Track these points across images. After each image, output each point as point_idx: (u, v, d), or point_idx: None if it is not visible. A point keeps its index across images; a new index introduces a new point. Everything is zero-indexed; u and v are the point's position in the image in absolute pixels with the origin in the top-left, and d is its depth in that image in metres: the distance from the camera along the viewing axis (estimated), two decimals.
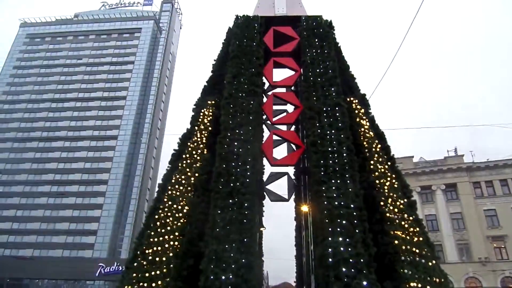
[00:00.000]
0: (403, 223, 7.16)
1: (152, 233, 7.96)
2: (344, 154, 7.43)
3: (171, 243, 7.35)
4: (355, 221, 6.37)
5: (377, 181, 7.56)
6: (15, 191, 72.34)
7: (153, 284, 6.95)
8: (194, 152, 8.82)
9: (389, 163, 8.12)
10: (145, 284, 7.08)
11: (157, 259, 7.29)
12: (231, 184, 7.20)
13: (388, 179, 7.75)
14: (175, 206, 8.05)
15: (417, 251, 6.89)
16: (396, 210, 7.26)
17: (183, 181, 8.42)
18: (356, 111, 8.67)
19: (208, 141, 8.96)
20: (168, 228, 7.72)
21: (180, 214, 7.71)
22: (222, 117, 8.59)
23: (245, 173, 7.41)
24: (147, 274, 7.25)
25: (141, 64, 79.66)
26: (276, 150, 10.00)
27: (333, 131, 7.83)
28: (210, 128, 9.15)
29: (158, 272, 7.02)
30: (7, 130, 75.73)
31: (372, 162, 7.87)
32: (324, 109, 8.27)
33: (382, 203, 7.21)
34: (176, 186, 8.52)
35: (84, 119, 77.31)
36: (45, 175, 74.84)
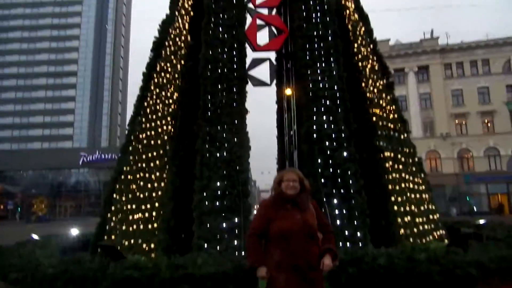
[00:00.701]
0: (381, 102, 7.76)
1: (144, 119, 8.31)
2: (330, 38, 7.53)
3: (164, 127, 7.76)
4: (338, 101, 6.86)
5: (360, 64, 7.87)
6: None
7: (151, 164, 7.55)
8: (177, 39, 8.66)
9: (371, 46, 8.35)
10: (143, 164, 7.69)
11: (152, 142, 7.78)
12: (219, 70, 7.34)
13: (370, 61, 8.07)
14: (163, 93, 8.25)
15: (392, 126, 7.65)
16: (375, 90, 7.77)
17: (169, 69, 8.46)
18: None
19: (190, 27, 8.74)
20: (159, 114, 8.04)
21: (170, 101, 7.97)
22: (205, 1, 8.25)
23: (232, 59, 7.50)
24: (144, 156, 7.81)
25: None
26: (257, 35, 9.90)
27: (318, 15, 7.76)
28: (191, 13, 8.84)
29: (155, 153, 7.57)
30: None
31: (355, 45, 8.05)
32: None
33: (363, 84, 7.66)
34: (162, 74, 8.59)
35: (40, 5, 70.70)
36: (8, 69, 71.23)
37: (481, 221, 7.47)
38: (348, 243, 5.63)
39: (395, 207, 6.78)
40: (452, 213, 32.34)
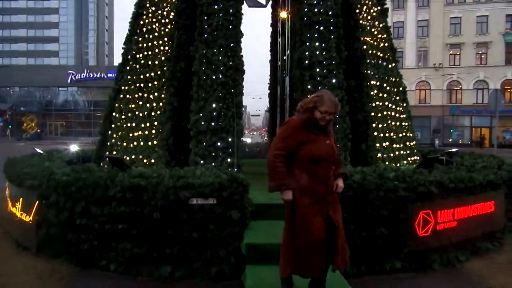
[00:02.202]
0: (373, 30, 7.87)
1: (140, 38, 8.34)
2: None
3: (161, 48, 7.86)
4: (331, 27, 6.96)
5: None
6: None
7: (149, 84, 7.81)
8: None
9: None
10: (142, 84, 7.94)
11: (150, 62, 7.93)
12: None
13: None
14: (159, 12, 8.18)
15: (381, 55, 7.88)
16: (369, 17, 7.82)
17: None
18: None
19: None
20: (156, 34, 8.08)
21: (167, 20, 7.96)
22: None
23: None
24: (141, 76, 8.02)
25: None
26: None
27: None
28: None
29: (152, 74, 7.78)
30: None
31: None
32: None
33: (357, 11, 7.70)
34: None
35: None
36: None
37: (454, 149, 8.14)
38: None
39: (375, 133, 7.32)
40: (434, 144, 33.78)
